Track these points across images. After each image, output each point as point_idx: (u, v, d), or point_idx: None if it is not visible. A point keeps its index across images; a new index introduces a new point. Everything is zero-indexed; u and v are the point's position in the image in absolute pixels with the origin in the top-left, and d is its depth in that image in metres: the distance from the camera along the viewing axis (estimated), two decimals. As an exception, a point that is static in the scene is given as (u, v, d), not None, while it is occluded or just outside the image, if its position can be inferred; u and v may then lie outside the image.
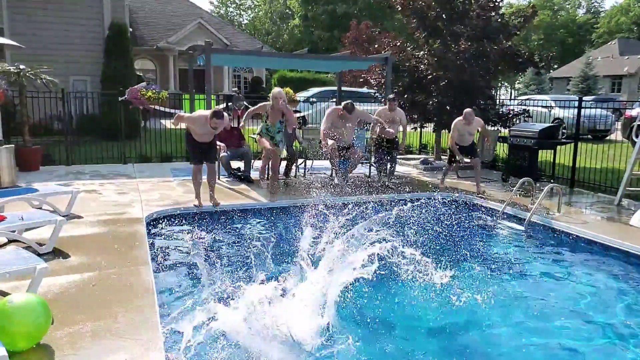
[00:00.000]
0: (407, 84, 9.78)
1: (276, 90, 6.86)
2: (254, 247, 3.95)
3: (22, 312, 2.50)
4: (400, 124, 8.00)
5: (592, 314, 3.71)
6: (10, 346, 2.38)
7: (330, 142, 6.69)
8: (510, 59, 9.45)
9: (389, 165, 7.88)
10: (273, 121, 6.78)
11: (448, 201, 6.83)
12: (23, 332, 2.49)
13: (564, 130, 12.20)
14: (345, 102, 6.75)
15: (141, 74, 17.70)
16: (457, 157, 7.41)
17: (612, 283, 4.36)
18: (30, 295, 2.69)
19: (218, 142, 6.58)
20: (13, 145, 7.27)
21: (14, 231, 4.08)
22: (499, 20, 9.60)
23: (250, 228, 5.74)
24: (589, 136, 13.79)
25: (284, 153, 7.53)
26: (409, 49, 10.30)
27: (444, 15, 9.55)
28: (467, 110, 7.39)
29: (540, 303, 3.83)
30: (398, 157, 8.40)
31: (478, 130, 7.71)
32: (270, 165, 6.88)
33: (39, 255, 3.68)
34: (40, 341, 2.61)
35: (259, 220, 5.98)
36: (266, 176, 7.42)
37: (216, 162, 6.59)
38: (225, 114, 5.92)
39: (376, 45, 10.89)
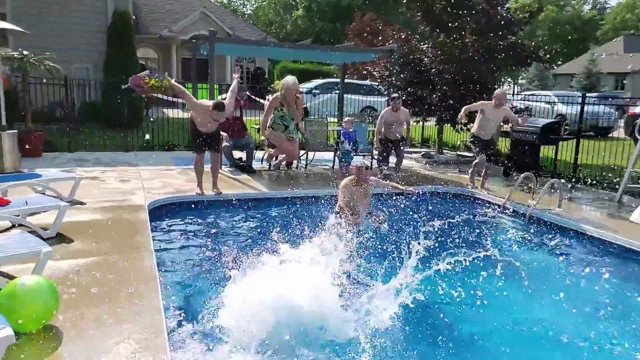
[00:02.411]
0: (410, 77, 9.77)
1: (291, 81, 6.48)
2: (263, 236, 3.95)
3: (33, 295, 2.54)
4: (405, 122, 7.81)
5: (590, 308, 3.74)
6: (18, 327, 2.42)
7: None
8: (516, 53, 9.42)
9: (396, 160, 7.84)
10: (289, 108, 6.52)
11: (446, 194, 6.88)
12: (32, 314, 2.53)
13: (566, 127, 12.18)
14: (359, 165, 5.06)
15: (143, 63, 17.67)
16: (463, 113, 6.62)
17: (610, 277, 4.38)
18: (40, 278, 2.72)
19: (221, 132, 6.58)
20: (16, 131, 7.28)
21: (18, 215, 4.11)
22: (505, 14, 9.57)
23: (252, 218, 5.77)
24: (591, 133, 13.78)
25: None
26: (413, 41, 10.27)
27: (449, 8, 9.51)
28: (499, 90, 6.75)
29: (538, 299, 3.86)
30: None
31: (501, 125, 6.90)
32: (285, 158, 6.80)
33: (43, 239, 3.71)
34: (46, 323, 2.65)
35: (261, 211, 6.01)
36: (271, 164, 7.41)
37: (220, 152, 6.57)
38: (235, 83, 5.95)
39: (380, 38, 10.83)
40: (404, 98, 9.30)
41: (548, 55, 9.83)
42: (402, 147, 7.84)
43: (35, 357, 2.39)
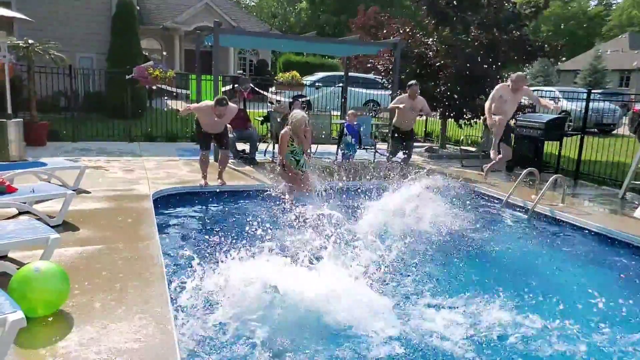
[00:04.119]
0: (414, 70, 9.73)
1: (299, 115, 6.27)
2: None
3: (46, 280, 2.57)
4: (423, 112, 7.68)
5: (592, 304, 3.75)
6: (29, 312, 2.45)
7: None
8: (521, 48, 9.37)
9: (402, 154, 7.82)
10: (299, 142, 6.28)
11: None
12: (44, 300, 2.57)
13: (569, 123, 12.14)
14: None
15: (147, 54, 17.61)
16: (488, 121, 6.39)
17: (613, 273, 4.41)
18: (53, 264, 2.75)
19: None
20: (21, 120, 7.30)
21: (25, 203, 4.14)
22: (511, 9, 9.51)
23: (256, 209, 5.78)
24: (595, 130, 13.73)
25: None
26: (418, 35, 10.22)
27: (454, 2, 9.45)
28: (519, 73, 6.55)
29: (540, 295, 3.87)
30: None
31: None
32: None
33: (50, 227, 3.73)
34: (58, 309, 2.68)
35: (264, 201, 6.02)
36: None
37: (228, 149, 6.56)
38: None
39: (384, 31, 10.78)
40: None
41: (559, 48, 9.55)
42: (412, 141, 7.78)
43: (44, 341, 2.42)
